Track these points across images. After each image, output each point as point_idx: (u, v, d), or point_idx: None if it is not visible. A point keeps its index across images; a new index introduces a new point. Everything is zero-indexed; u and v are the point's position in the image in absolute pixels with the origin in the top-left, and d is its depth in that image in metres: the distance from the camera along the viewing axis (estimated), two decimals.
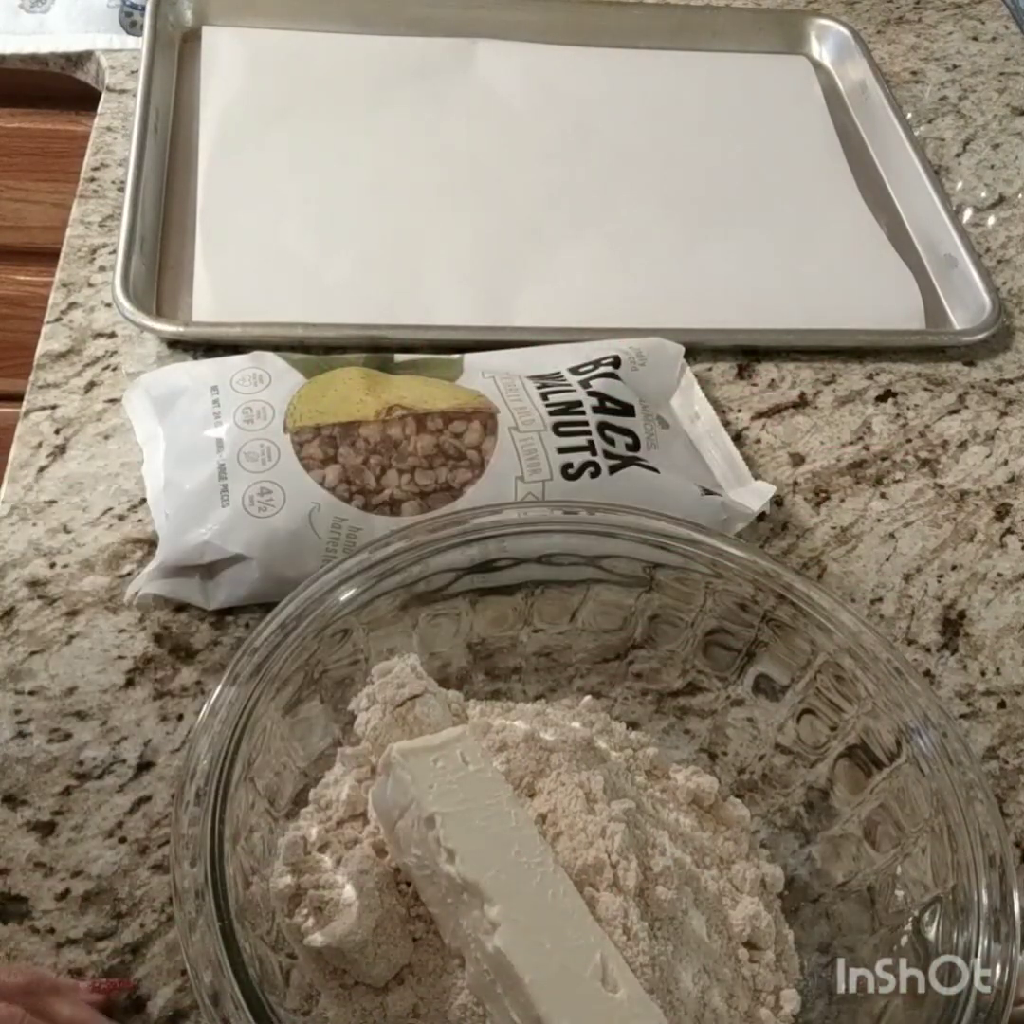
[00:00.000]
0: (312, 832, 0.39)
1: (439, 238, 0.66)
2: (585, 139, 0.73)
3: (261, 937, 0.36)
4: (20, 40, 0.76)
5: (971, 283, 0.67)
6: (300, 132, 0.70)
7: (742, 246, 0.68)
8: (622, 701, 0.46)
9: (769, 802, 0.44)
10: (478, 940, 0.34)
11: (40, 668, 0.47)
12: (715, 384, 0.61)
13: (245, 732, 0.37)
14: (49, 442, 0.54)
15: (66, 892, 0.41)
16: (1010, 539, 0.57)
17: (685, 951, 0.37)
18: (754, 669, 0.44)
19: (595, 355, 0.56)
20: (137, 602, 0.48)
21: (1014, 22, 0.88)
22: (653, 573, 0.44)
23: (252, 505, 0.47)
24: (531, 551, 0.44)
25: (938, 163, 0.76)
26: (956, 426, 0.61)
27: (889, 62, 0.83)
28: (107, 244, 0.63)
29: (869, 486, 0.58)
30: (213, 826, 0.35)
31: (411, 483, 0.49)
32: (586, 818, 0.38)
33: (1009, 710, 0.50)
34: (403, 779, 0.36)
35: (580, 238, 0.67)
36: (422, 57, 0.76)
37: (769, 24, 0.83)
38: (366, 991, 0.36)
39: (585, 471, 0.50)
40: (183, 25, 0.75)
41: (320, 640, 0.40)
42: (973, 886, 0.36)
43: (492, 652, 0.46)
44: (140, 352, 0.58)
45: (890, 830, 0.40)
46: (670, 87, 0.78)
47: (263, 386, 0.51)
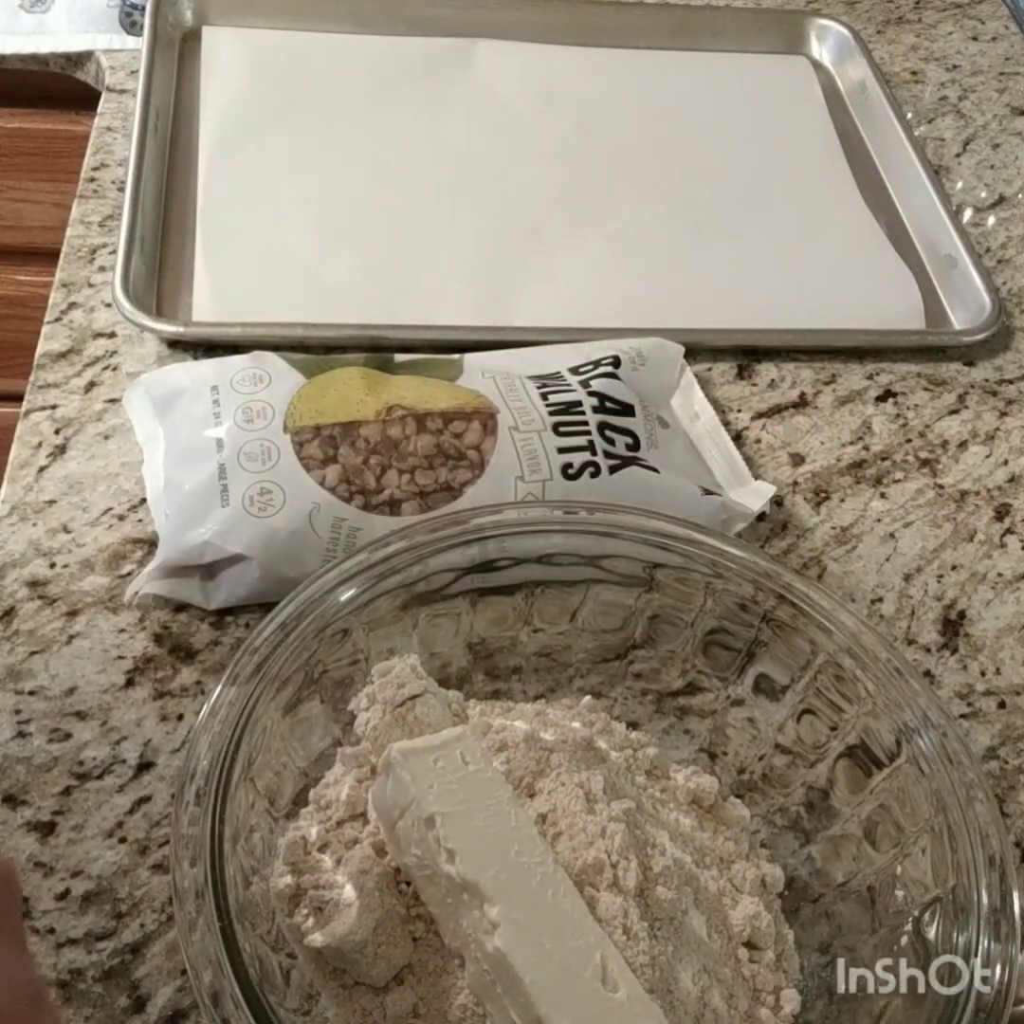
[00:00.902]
0: (312, 832, 0.39)
1: (439, 238, 0.66)
2: (585, 139, 0.73)
3: (261, 937, 0.36)
4: (20, 40, 0.76)
5: (971, 283, 0.67)
6: (300, 132, 0.70)
7: (742, 246, 0.68)
8: (622, 701, 0.46)
9: (769, 802, 0.44)
10: (478, 940, 0.34)
11: (40, 668, 0.47)
12: (715, 384, 0.61)
13: (245, 732, 0.37)
14: (49, 442, 0.54)
15: (66, 892, 0.41)
16: (1010, 539, 0.57)
17: (685, 951, 0.37)
18: (754, 669, 0.44)
19: (595, 355, 0.56)
20: (137, 602, 0.48)
21: (1014, 22, 0.88)
22: (653, 573, 0.44)
23: (252, 505, 0.47)
24: (531, 551, 0.44)
25: (938, 163, 0.76)
26: (956, 426, 0.61)
27: (889, 62, 0.83)
28: (107, 244, 0.63)
29: (869, 486, 0.58)
30: (213, 826, 0.35)
31: (411, 483, 0.49)
32: (586, 818, 0.38)
33: (1009, 710, 0.50)
34: (403, 779, 0.36)
35: (580, 238, 0.67)
36: (422, 57, 0.76)
37: (769, 24, 0.83)
38: (366, 991, 0.36)
39: (585, 471, 0.50)
40: (183, 25, 0.75)
41: (320, 640, 0.40)
42: (973, 886, 0.36)
43: (492, 652, 0.46)
44: (140, 352, 0.58)
45: (890, 830, 0.40)
46: (670, 87, 0.78)
47: (263, 386, 0.51)
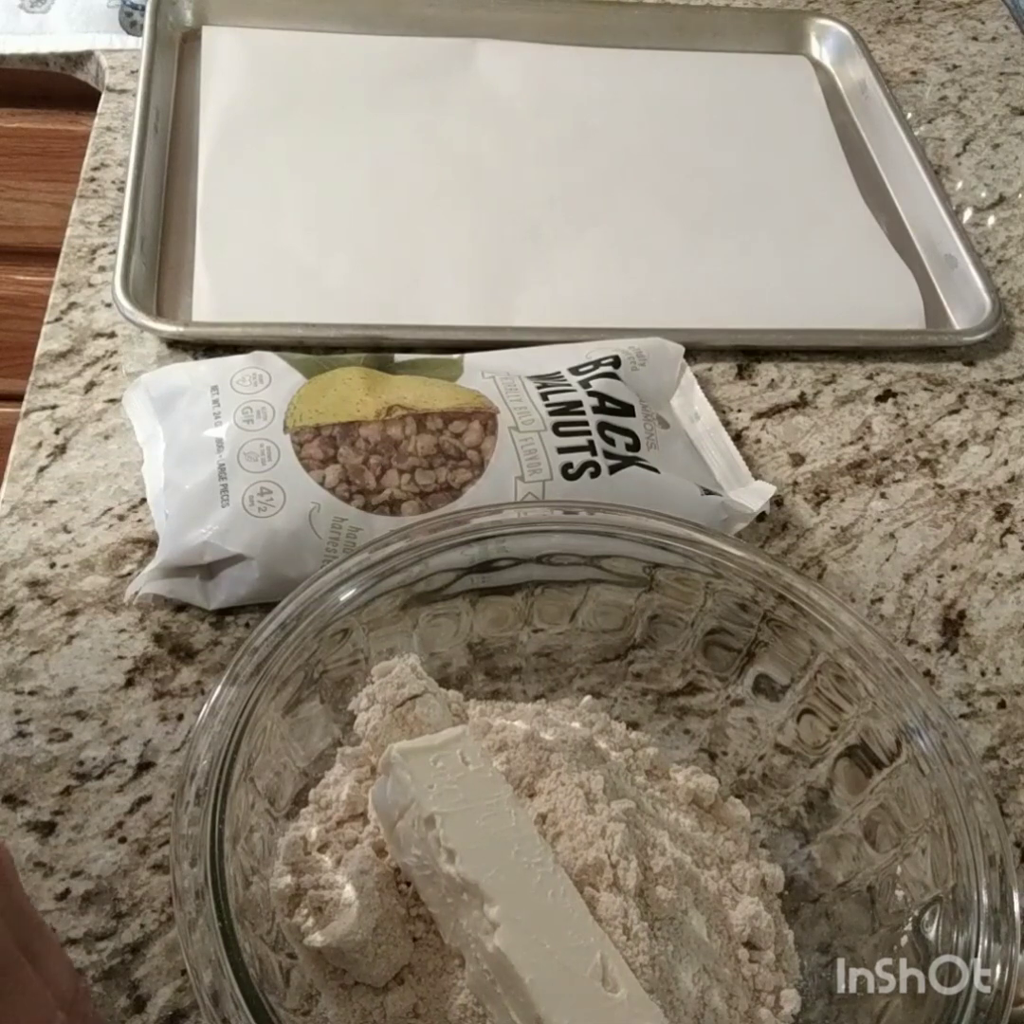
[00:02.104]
0: (312, 832, 0.39)
1: (439, 238, 0.66)
2: (585, 139, 0.73)
3: (261, 937, 0.36)
4: (20, 40, 0.76)
5: (971, 283, 0.67)
6: (300, 132, 0.70)
7: (742, 246, 0.68)
8: (622, 701, 0.46)
9: (769, 802, 0.44)
10: (478, 940, 0.34)
11: (40, 668, 0.47)
12: (715, 384, 0.61)
13: (245, 732, 0.37)
14: (49, 442, 0.54)
15: (66, 892, 0.41)
16: (1010, 539, 0.57)
17: (685, 951, 0.37)
18: (754, 669, 0.44)
19: (595, 355, 0.56)
20: (137, 602, 0.48)
21: (1014, 22, 0.88)
22: (653, 573, 0.44)
23: (252, 505, 0.47)
24: (531, 551, 0.44)
25: (938, 163, 0.76)
26: (956, 426, 0.61)
27: (889, 62, 0.83)
28: (107, 244, 0.63)
29: (869, 486, 0.58)
30: (213, 826, 0.35)
31: (411, 483, 0.49)
32: (586, 818, 0.38)
33: (1009, 710, 0.50)
34: (403, 779, 0.36)
35: (580, 238, 0.67)
36: (422, 57, 0.76)
37: (769, 24, 0.83)
38: (366, 991, 0.36)
39: (585, 471, 0.50)
40: (183, 25, 0.75)
41: (320, 640, 0.40)
42: (973, 886, 0.36)
43: (492, 652, 0.46)
44: (140, 352, 0.58)
45: (890, 830, 0.40)
46: (670, 87, 0.78)
47: (263, 386, 0.51)
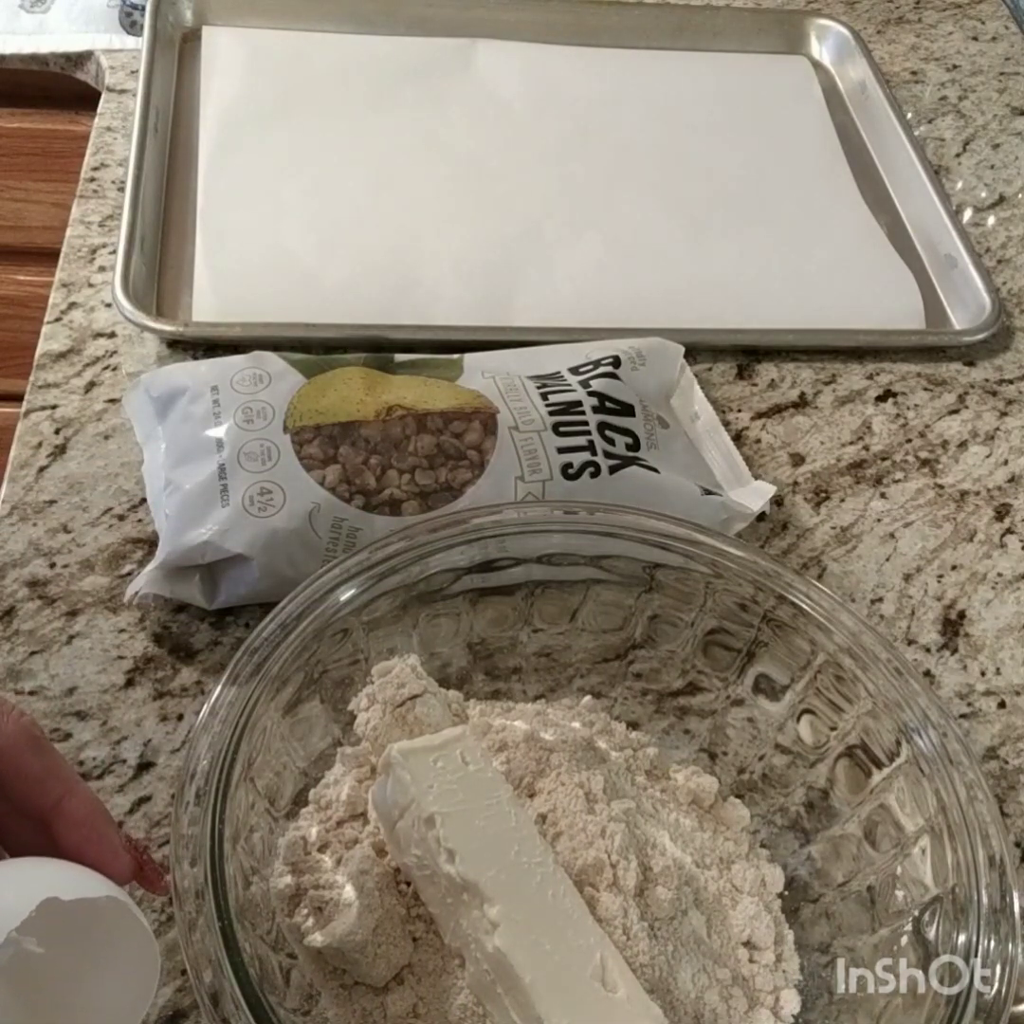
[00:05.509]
0: (312, 832, 0.39)
1: (439, 238, 0.66)
2: (585, 139, 0.73)
3: (261, 937, 0.36)
4: (20, 40, 0.76)
5: (971, 283, 0.67)
6: (300, 132, 0.70)
7: (742, 246, 0.68)
8: (622, 701, 0.46)
9: (769, 802, 0.44)
10: (478, 940, 0.34)
11: (40, 668, 0.47)
12: (715, 384, 0.61)
13: (245, 732, 0.37)
14: (49, 442, 0.54)
15: None
16: (1010, 539, 0.57)
17: (685, 951, 0.37)
18: (754, 669, 0.44)
19: (595, 355, 0.56)
20: (137, 602, 0.48)
21: (1014, 22, 0.88)
22: (653, 573, 0.44)
23: (252, 505, 0.47)
24: (531, 551, 0.44)
25: (938, 163, 0.76)
26: (956, 426, 0.61)
27: (889, 62, 0.83)
28: (107, 244, 0.63)
29: (869, 486, 0.58)
30: (213, 826, 0.35)
31: (411, 483, 0.49)
32: (586, 818, 0.38)
33: (1009, 710, 0.50)
34: (403, 779, 0.36)
35: (580, 238, 0.67)
36: (422, 57, 0.76)
37: (769, 24, 0.83)
38: (366, 991, 0.36)
39: (585, 471, 0.50)
40: (183, 25, 0.75)
41: (320, 640, 0.40)
42: (973, 886, 0.36)
43: (492, 652, 0.46)
44: (140, 352, 0.58)
45: (890, 830, 0.40)
46: (670, 87, 0.78)
47: (263, 386, 0.51)
